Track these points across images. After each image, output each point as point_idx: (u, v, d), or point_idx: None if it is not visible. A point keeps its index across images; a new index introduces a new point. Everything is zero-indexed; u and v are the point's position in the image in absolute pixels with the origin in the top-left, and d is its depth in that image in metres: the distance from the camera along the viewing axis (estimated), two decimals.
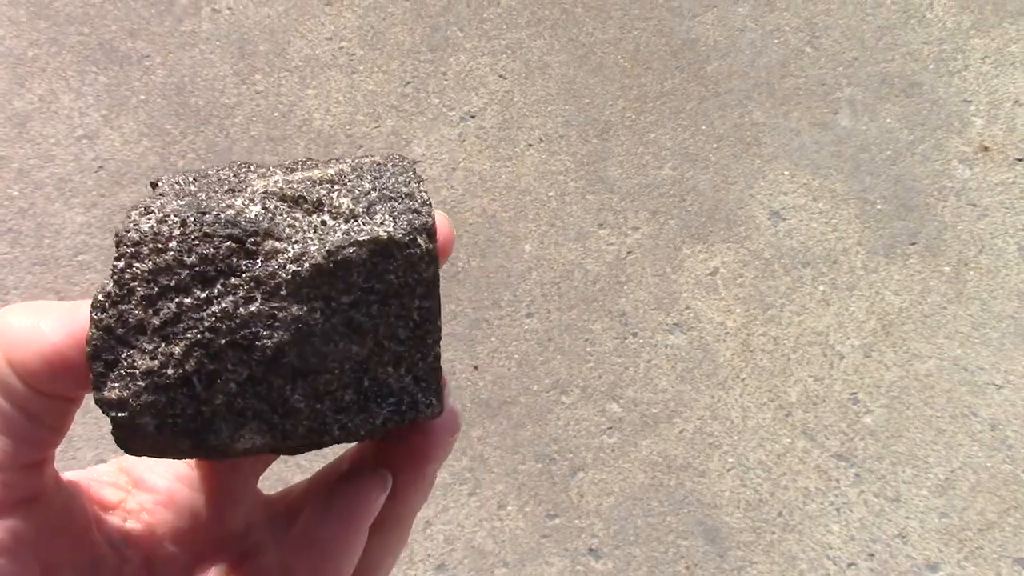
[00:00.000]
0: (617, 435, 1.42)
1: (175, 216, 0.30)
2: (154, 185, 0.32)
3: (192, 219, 0.30)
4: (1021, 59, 1.69)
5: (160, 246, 0.30)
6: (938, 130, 1.63)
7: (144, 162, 1.52)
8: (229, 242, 0.30)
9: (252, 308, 0.30)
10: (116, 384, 0.30)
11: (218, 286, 0.30)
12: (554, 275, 1.50)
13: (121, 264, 0.30)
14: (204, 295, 0.30)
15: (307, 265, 0.30)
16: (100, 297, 0.30)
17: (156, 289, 0.30)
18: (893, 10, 1.72)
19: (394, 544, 0.37)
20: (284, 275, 0.30)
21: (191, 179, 0.32)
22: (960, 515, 1.40)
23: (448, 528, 1.36)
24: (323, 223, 0.31)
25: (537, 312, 1.48)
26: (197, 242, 0.30)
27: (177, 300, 0.30)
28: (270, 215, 0.31)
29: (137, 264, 0.30)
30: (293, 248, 0.30)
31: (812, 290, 1.52)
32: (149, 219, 0.30)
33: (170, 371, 0.30)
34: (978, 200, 1.59)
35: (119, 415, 0.30)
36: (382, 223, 0.32)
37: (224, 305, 0.30)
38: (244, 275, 0.30)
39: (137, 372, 0.30)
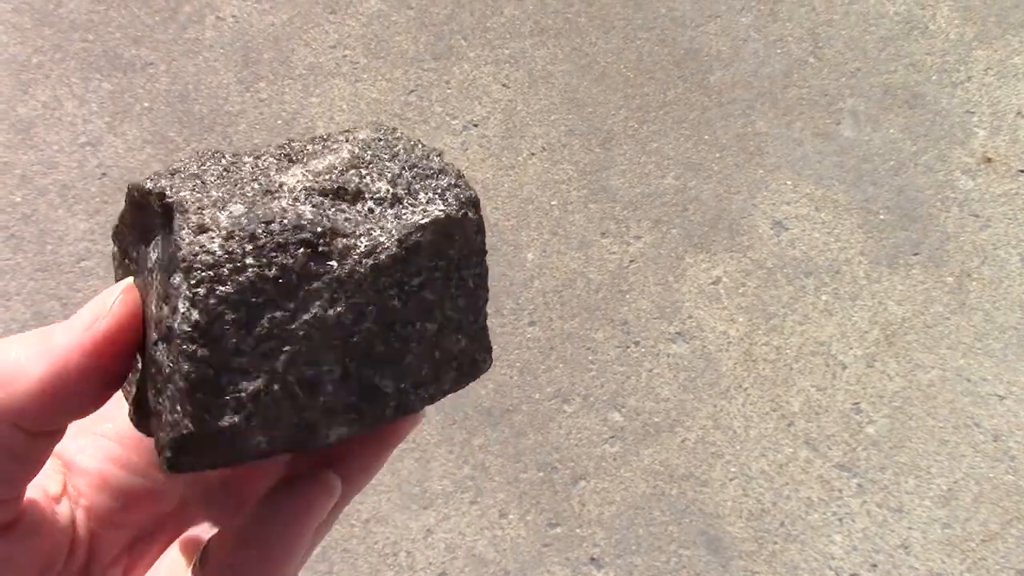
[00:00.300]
0: (619, 444, 1.42)
1: (239, 231, 0.29)
2: (141, 193, 0.31)
3: (261, 231, 0.29)
4: None
5: (238, 265, 0.29)
6: (941, 141, 1.63)
7: (147, 169, 1.53)
8: (303, 248, 0.30)
9: (340, 308, 0.30)
10: (228, 412, 0.29)
11: (302, 293, 0.30)
12: (556, 284, 1.50)
13: (202, 291, 0.28)
14: (292, 305, 0.29)
15: (383, 256, 0.31)
16: (186, 328, 0.28)
17: (245, 310, 0.29)
18: (896, 21, 1.72)
19: (322, 533, 0.37)
20: (363, 270, 0.30)
21: (199, 182, 0.31)
22: (963, 526, 1.40)
23: (449, 536, 1.35)
24: (371, 211, 0.31)
25: (539, 320, 1.47)
26: (275, 254, 0.29)
27: (268, 316, 0.29)
28: (324, 213, 0.30)
29: (221, 288, 0.28)
30: (362, 243, 0.31)
31: (815, 300, 1.52)
32: (212, 237, 0.29)
33: (276, 387, 0.29)
34: (981, 211, 1.59)
35: (233, 441, 0.29)
36: (431, 202, 0.32)
37: (314, 311, 0.30)
38: (324, 277, 0.30)
39: (244, 395, 0.29)
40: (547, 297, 1.49)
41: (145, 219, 0.31)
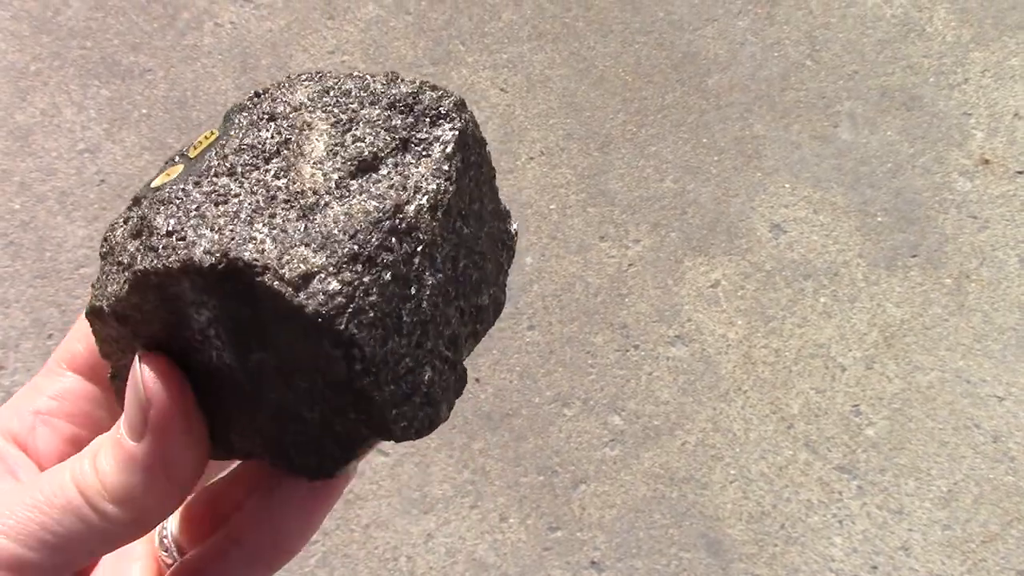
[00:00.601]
0: (619, 447, 1.42)
1: (339, 257, 0.28)
2: (164, 273, 0.29)
3: (356, 247, 0.29)
4: (1021, 72, 1.70)
5: (362, 288, 0.28)
6: (939, 143, 1.64)
7: (146, 176, 1.53)
8: (392, 237, 0.30)
9: (442, 267, 0.31)
10: (420, 411, 0.30)
11: (413, 275, 0.30)
12: (555, 288, 1.50)
13: (357, 330, 0.28)
14: (414, 291, 0.30)
15: (445, 200, 0.31)
16: (360, 367, 0.28)
17: (390, 321, 0.29)
18: (893, 24, 1.73)
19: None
20: (438, 223, 0.31)
21: (225, 225, 0.29)
22: (963, 527, 1.40)
23: (449, 541, 1.35)
24: (396, 166, 0.31)
25: (538, 324, 1.48)
26: (380, 257, 0.29)
27: (407, 314, 0.30)
28: (374, 194, 0.30)
29: (366, 317, 0.28)
30: (422, 200, 0.31)
31: (813, 302, 1.52)
32: (324, 279, 0.28)
33: (437, 363, 0.31)
34: (979, 212, 1.59)
35: (433, 424, 0.31)
36: (435, 125, 0.32)
37: (429, 283, 0.30)
38: (418, 249, 0.30)
39: (424, 389, 0.30)
40: (546, 301, 1.49)
41: (169, 299, 0.30)
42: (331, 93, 0.33)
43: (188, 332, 0.30)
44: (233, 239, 0.28)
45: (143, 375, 0.30)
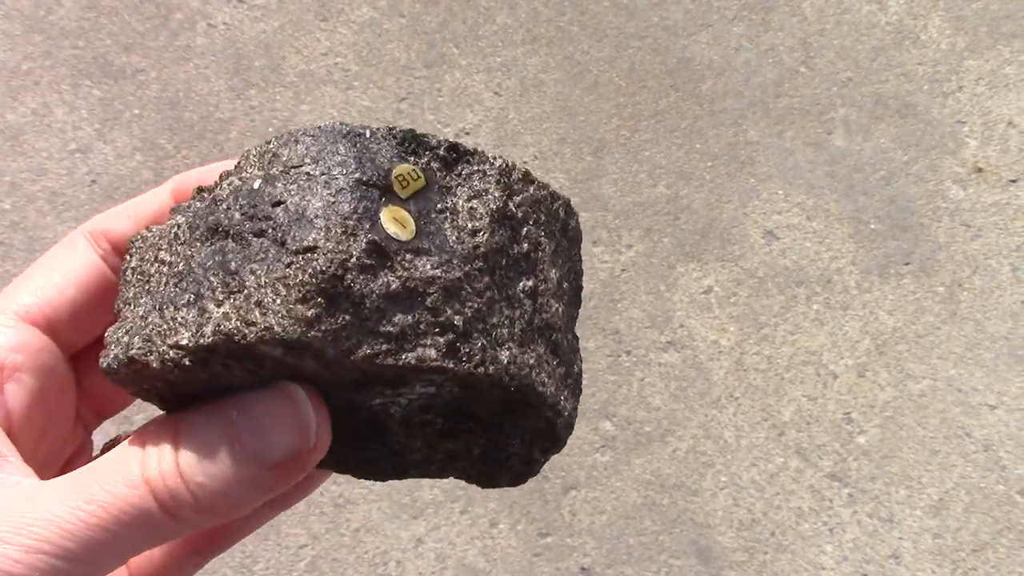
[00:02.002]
0: (610, 453, 1.42)
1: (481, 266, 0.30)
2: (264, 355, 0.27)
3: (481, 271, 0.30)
4: (1015, 81, 1.70)
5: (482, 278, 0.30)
6: (932, 151, 1.64)
7: (137, 176, 1.52)
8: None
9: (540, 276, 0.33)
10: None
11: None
12: None
13: (490, 293, 0.30)
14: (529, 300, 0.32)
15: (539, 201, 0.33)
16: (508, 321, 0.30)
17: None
18: (887, 31, 1.73)
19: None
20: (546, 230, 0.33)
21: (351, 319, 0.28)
22: (954, 536, 1.40)
23: (439, 546, 1.35)
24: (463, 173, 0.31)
25: None
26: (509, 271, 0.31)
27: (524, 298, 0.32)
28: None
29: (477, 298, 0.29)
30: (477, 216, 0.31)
31: (806, 309, 1.52)
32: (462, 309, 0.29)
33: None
34: (972, 221, 1.59)
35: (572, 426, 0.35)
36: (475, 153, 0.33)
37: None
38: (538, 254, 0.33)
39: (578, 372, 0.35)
40: None
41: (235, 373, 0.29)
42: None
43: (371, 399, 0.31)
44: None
45: (313, 417, 0.29)
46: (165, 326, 0.28)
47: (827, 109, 1.66)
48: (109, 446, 0.34)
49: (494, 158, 0.31)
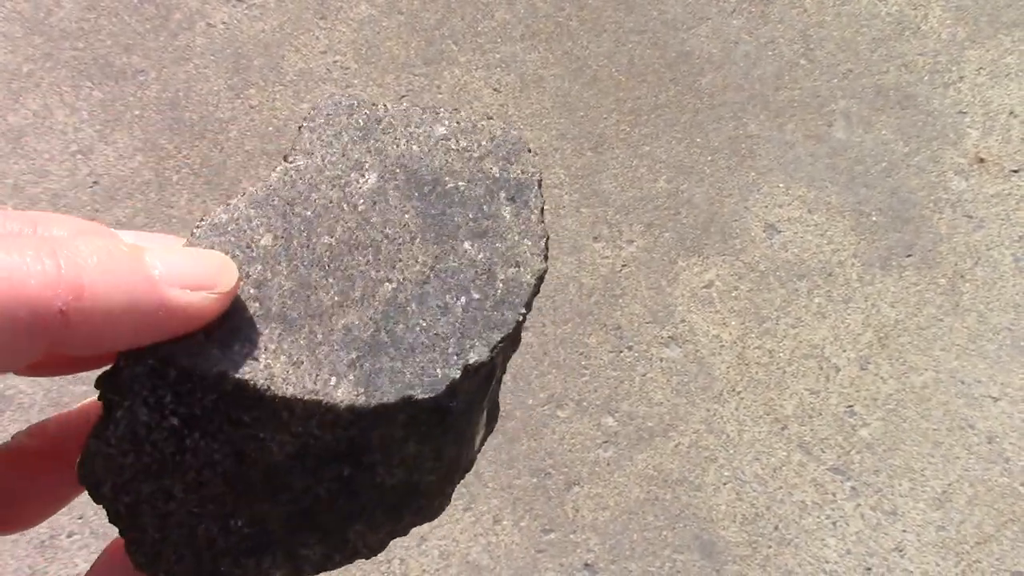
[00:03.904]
0: (613, 449, 1.42)
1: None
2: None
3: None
4: (1016, 71, 1.69)
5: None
6: (933, 142, 1.63)
7: (138, 177, 1.52)
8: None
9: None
10: None
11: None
12: (549, 289, 1.50)
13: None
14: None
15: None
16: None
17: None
18: (888, 22, 1.72)
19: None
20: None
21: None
22: (957, 528, 1.40)
23: (443, 543, 1.35)
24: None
25: (532, 326, 1.47)
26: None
27: None
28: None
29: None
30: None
31: (808, 303, 1.52)
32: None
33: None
34: (974, 212, 1.59)
35: None
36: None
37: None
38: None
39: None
40: (540, 302, 1.49)
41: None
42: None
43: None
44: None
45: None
46: None
47: (827, 101, 1.65)
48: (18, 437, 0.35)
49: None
